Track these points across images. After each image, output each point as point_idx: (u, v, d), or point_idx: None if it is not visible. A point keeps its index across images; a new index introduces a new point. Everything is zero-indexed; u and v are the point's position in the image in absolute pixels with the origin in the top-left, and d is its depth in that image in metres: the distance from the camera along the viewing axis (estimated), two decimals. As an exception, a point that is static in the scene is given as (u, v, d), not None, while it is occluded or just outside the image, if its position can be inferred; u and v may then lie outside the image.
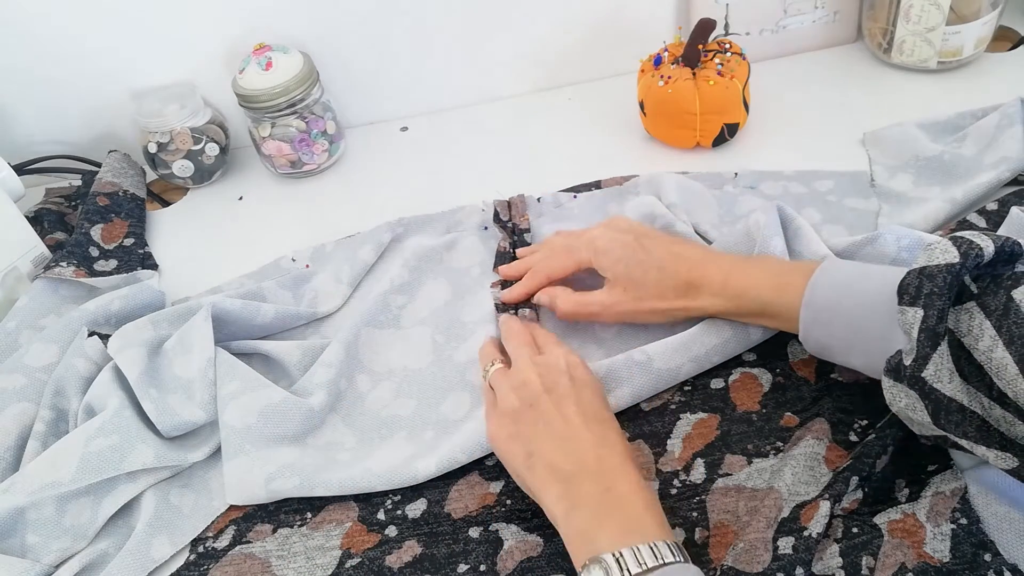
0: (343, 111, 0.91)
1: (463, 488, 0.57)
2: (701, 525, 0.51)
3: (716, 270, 0.57)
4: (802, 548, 0.48)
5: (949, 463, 0.50)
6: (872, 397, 0.56)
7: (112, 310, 0.70)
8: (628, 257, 0.60)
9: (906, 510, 0.48)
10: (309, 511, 0.58)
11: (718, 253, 0.60)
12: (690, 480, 0.54)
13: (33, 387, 0.65)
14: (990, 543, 0.46)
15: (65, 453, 0.58)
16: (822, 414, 0.55)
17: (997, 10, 0.78)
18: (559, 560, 0.51)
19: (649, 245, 0.60)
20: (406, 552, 0.54)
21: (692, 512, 0.52)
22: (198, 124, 0.86)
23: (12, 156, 0.82)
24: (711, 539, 0.51)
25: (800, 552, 0.48)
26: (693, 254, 0.59)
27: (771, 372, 0.59)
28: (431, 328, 0.68)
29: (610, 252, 0.61)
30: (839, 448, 0.53)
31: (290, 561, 0.55)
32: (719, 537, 0.51)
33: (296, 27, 0.85)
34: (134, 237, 0.82)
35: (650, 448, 0.56)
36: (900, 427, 0.52)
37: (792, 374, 0.59)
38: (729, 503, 0.52)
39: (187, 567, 0.56)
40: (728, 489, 0.53)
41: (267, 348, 0.67)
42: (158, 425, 0.61)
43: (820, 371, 0.58)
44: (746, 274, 0.56)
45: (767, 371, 0.59)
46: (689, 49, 0.76)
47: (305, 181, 0.88)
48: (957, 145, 0.72)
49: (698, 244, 0.62)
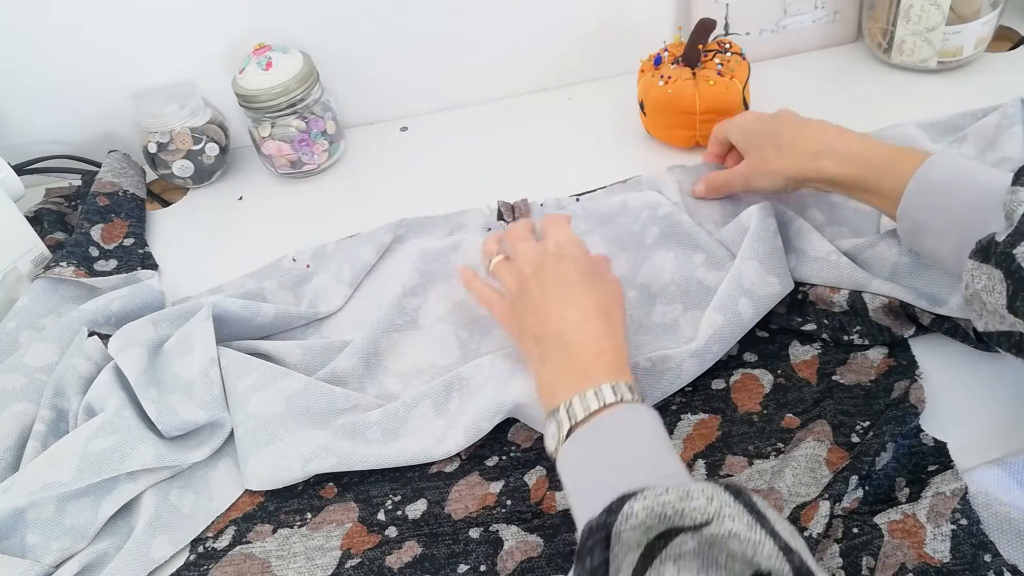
0: (343, 111, 0.91)
1: (463, 489, 0.57)
2: None
3: (837, 137, 0.62)
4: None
5: (950, 463, 0.50)
6: (874, 399, 0.56)
7: (112, 310, 0.70)
8: (754, 127, 0.67)
9: (906, 510, 0.48)
10: (309, 511, 0.58)
11: (841, 127, 0.63)
12: None
13: (33, 387, 0.65)
14: (990, 544, 0.46)
15: (65, 453, 0.58)
16: (824, 416, 0.55)
17: (997, 10, 0.78)
18: (559, 560, 0.51)
19: (780, 117, 0.67)
20: (406, 552, 0.54)
21: None
22: (198, 124, 0.86)
23: (12, 156, 0.82)
24: None
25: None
26: (818, 125, 0.64)
27: (772, 373, 0.59)
28: (452, 325, 0.68)
29: (744, 125, 0.69)
30: (840, 450, 0.53)
31: (290, 561, 0.55)
32: None
33: (296, 27, 0.85)
34: (134, 237, 0.82)
35: None
36: (898, 423, 0.52)
37: (793, 375, 0.59)
38: None
39: (187, 567, 0.56)
40: None
41: (267, 348, 0.67)
42: (159, 425, 0.61)
43: (821, 372, 0.59)
44: (866, 143, 0.60)
45: (768, 372, 0.59)
46: (689, 49, 0.76)
47: (305, 181, 0.88)
48: (957, 145, 0.72)
49: (824, 121, 0.66)
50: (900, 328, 0.58)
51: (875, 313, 0.58)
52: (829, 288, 0.61)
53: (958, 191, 0.53)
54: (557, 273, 0.56)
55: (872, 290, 0.59)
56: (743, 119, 0.69)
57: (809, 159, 0.62)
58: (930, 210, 0.54)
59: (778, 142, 0.64)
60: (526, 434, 0.59)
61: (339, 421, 0.61)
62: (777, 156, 0.64)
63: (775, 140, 0.64)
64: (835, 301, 0.60)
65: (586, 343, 0.51)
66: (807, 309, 0.62)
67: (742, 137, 0.68)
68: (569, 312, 0.53)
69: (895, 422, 0.52)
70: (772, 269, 0.61)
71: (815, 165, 0.61)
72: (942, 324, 0.57)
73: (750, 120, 0.69)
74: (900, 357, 0.58)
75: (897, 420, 0.52)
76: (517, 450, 0.59)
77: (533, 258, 0.58)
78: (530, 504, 0.55)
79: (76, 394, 0.64)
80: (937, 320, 0.57)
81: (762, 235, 0.62)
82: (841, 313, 0.60)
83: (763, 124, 0.67)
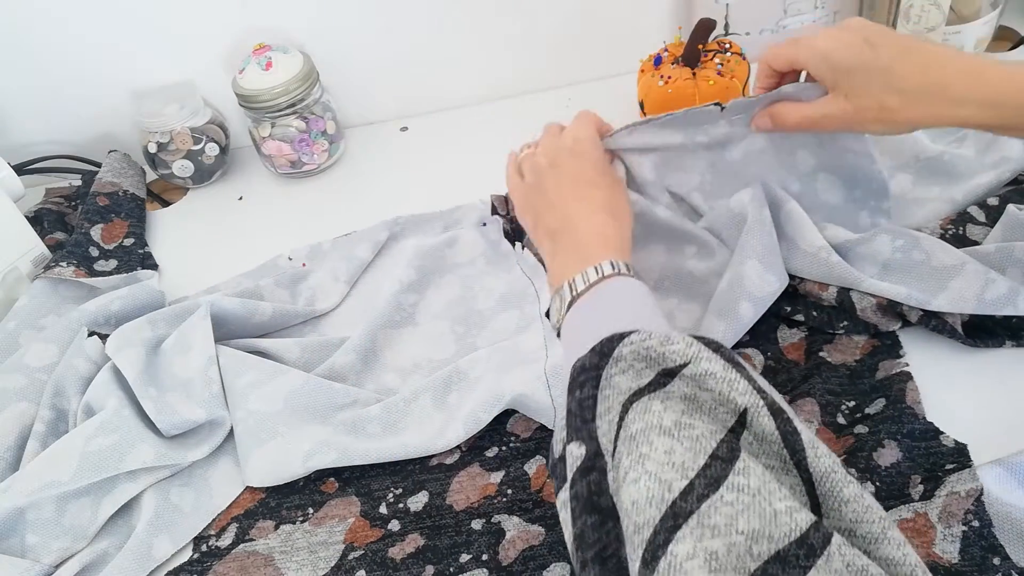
0: (343, 111, 0.91)
1: (464, 480, 0.57)
2: None
3: (975, 75, 0.51)
4: None
5: (968, 463, 0.50)
6: (859, 379, 0.57)
7: (112, 310, 0.70)
8: (850, 60, 0.53)
9: (918, 509, 0.48)
10: (311, 507, 0.58)
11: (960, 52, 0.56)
12: None
13: (33, 387, 0.65)
14: (1000, 547, 0.46)
15: (64, 453, 0.58)
16: (811, 394, 0.56)
17: (997, 10, 0.78)
18: (560, 548, 0.51)
19: (878, 41, 0.53)
20: (409, 544, 0.54)
21: None
22: (198, 124, 0.86)
23: (12, 156, 0.82)
24: None
25: None
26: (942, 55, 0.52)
27: (763, 354, 0.60)
28: (449, 321, 0.68)
29: (830, 55, 0.54)
30: (828, 431, 0.54)
31: (293, 556, 0.55)
32: None
33: (296, 27, 0.85)
34: (134, 237, 0.82)
35: None
36: (896, 422, 0.52)
37: (782, 357, 0.60)
38: None
39: (190, 564, 0.56)
40: None
41: (266, 346, 0.67)
42: (158, 424, 0.61)
43: (808, 351, 0.60)
44: (1012, 83, 0.50)
45: (759, 352, 0.60)
46: (689, 49, 0.76)
47: (305, 181, 0.88)
48: (957, 145, 0.72)
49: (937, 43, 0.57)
50: (887, 324, 0.59)
51: (863, 312, 0.59)
52: (818, 284, 0.61)
53: None
54: (572, 169, 0.59)
55: (863, 289, 0.59)
56: (825, 44, 0.54)
57: (948, 107, 0.51)
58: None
59: (899, 85, 0.52)
60: (525, 424, 0.60)
61: (339, 416, 0.61)
62: (903, 104, 0.52)
63: (891, 81, 0.52)
64: (824, 297, 0.61)
65: (592, 231, 0.55)
66: (797, 300, 0.62)
67: (831, 73, 0.54)
68: (580, 206, 0.57)
69: (891, 421, 0.53)
70: (770, 266, 0.60)
71: (957, 114, 0.52)
72: (929, 321, 0.58)
73: (838, 46, 0.54)
74: (883, 338, 0.59)
75: (894, 419, 0.53)
76: (516, 440, 0.59)
77: (552, 153, 0.61)
78: (531, 493, 0.55)
79: (76, 394, 0.64)
80: (925, 317, 0.58)
81: (759, 229, 0.61)
82: (829, 307, 0.61)
83: (862, 55, 0.53)
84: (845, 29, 0.54)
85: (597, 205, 0.57)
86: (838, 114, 0.55)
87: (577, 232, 0.55)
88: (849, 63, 0.53)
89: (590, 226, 0.55)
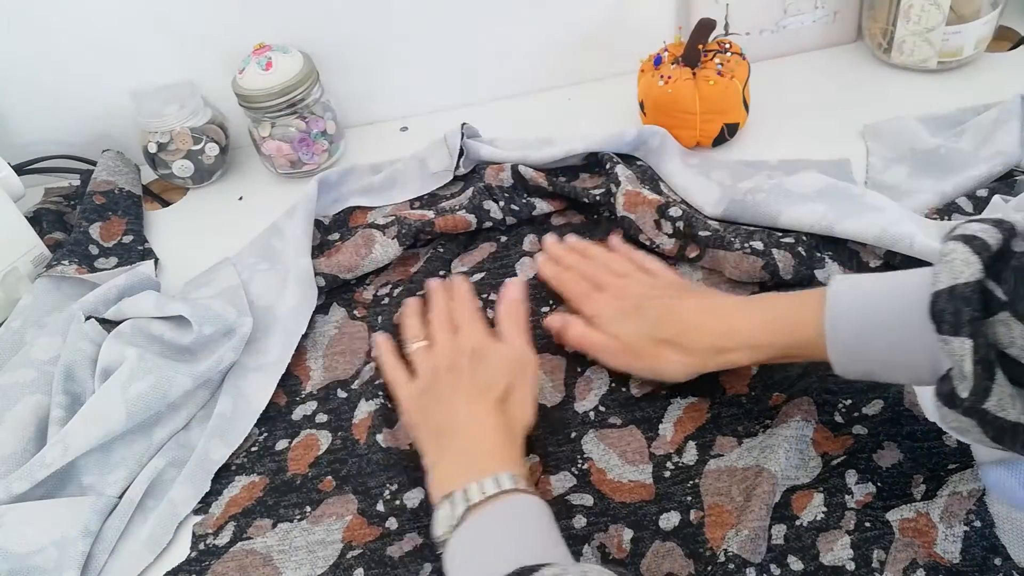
0: (343, 111, 0.91)
1: None
2: (696, 507, 0.52)
3: (729, 324, 0.54)
4: (793, 537, 0.49)
5: (970, 463, 0.50)
6: None
7: (109, 296, 0.71)
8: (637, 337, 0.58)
9: (920, 509, 0.48)
10: (308, 505, 0.58)
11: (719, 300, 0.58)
12: (682, 462, 0.55)
13: (44, 379, 0.65)
14: (1001, 548, 0.46)
15: (108, 405, 0.60)
16: (808, 392, 0.56)
17: (997, 10, 0.78)
18: None
19: (646, 310, 0.58)
20: (407, 542, 0.54)
21: (687, 496, 0.53)
22: (198, 124, 0.86)
23: (12, 156, 0.82)
24: (706, 519, 0.51)
25: (791, 541, 0.49)
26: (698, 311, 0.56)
27: None
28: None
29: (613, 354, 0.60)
30: (825, 429, 0.54)
31: (291, 555, 0.55)
32: (715, 517, 0.51)
33: (296, 27, 0.85)
34: (132, 234, 0.82)
35: (642, 433, 0.57)
36: (895, 424, 0.52)
37: None
38: (722, 486, 0.53)
39: (188, 563, 0.56)
40: (720, 472, 0.53)
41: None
42: (192, 319, 0.64)
43: None
44: (763, 324, 0.53)
45: None
46: (689, 49, 0.76)
47: (305, 181, 0.87)
48: (955, 139, 0.72)
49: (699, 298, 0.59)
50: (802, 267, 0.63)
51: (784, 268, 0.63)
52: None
53: (876, 334, 0.47)
54: (472, 374, 0.57)
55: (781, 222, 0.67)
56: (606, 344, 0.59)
57: (713, 355, 0.55)
58: (863, 363, 0.48)
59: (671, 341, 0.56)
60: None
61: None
62: (675, 352, 0.56)
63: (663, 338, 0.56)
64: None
65: (484, 437, 0.53)
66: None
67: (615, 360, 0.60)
68: (476, 411, 0.54)
69: (890, 423, 0.53)
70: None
71: (724, 360, 0.55)
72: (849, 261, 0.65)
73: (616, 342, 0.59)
74: None
75: (893, 421, 0.53)
76: None
77: (451, 354, 0.59)
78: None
79: (88, 376, 0.65)
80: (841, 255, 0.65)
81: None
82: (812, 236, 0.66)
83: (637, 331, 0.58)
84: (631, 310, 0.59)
85: (492, 407, 0.54)
86: (636, 367, 0.59)
87: (470, 438, 0.53)
88: (629, 343, 0.58)
89: (482, 430, 0.53)
